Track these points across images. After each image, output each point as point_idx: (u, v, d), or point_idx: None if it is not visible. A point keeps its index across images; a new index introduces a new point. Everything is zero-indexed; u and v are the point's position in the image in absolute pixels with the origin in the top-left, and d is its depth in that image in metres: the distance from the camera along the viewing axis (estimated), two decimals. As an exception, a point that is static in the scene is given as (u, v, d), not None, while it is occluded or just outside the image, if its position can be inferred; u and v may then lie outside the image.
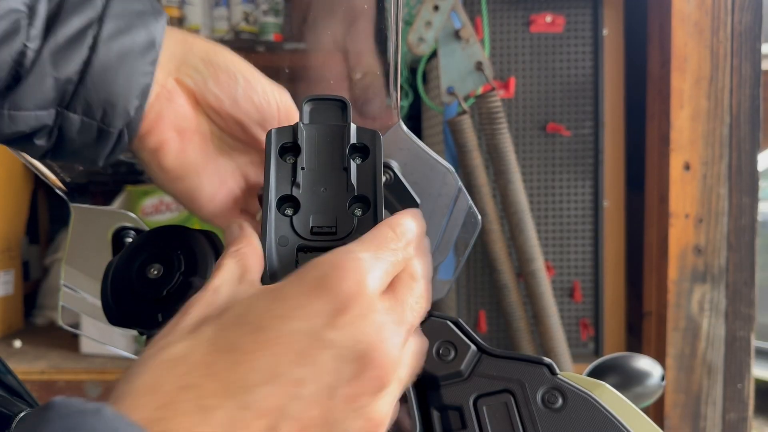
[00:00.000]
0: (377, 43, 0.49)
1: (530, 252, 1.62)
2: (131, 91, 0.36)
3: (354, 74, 0.59)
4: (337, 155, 0.36)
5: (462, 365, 0.43)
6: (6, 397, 0.49)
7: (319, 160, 0.36)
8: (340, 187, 0.35)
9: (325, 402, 0.27)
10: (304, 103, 0.37)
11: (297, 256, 0.34)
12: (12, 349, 1.84)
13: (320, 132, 0.36)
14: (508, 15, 1.69)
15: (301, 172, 0.35)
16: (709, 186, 1.53)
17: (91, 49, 0.35)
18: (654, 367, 0.67)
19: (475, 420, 0.42)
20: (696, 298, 1.56)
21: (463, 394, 0.43)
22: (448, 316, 0.46)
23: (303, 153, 0.35)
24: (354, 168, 0.36)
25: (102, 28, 0.36)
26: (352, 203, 0.35)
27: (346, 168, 0.35)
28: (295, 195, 0.35)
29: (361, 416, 0.29)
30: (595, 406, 0.41)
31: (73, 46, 0.35)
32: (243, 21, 1.54)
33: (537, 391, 0.42)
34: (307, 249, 0.34)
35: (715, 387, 1.56)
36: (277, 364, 0.27)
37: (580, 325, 1.78)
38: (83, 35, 0.35)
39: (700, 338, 1.56)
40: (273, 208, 0.34)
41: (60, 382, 1.69)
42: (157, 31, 0.37)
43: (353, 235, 0.34)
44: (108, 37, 0.36)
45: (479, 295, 1.79)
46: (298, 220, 0.34)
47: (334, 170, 0.36)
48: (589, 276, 1.76)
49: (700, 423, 1.57)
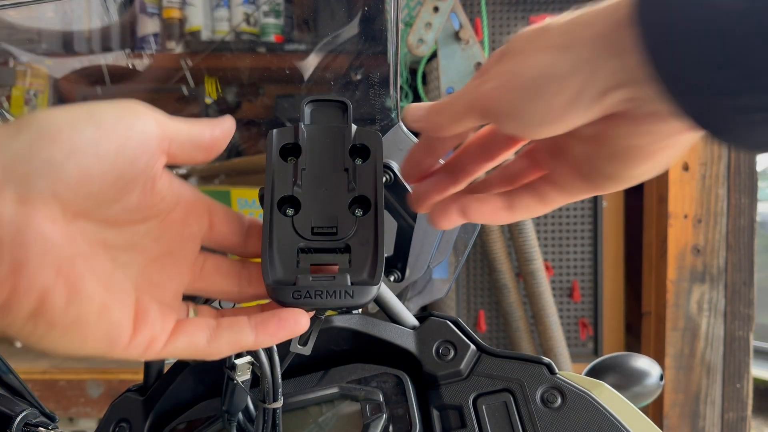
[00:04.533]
0: (377, 44, 0.50)
1: (529, 252, 1.63)
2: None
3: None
4: (338, 156, 0.36)
5: (461, 365, 0.44)
6: (8, 397, 0.50)
7: (320, 160, 0.36)
8: (340, 188, 0.35)
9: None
10: (305, 105, 0.37)
11: (298, 257, 0.34)
12: (13, 348, 1.84)
13: (321, 133, 0.36)
14: (508, 16, 1.69)
15: (302, 172, 0.35)
16: (708, 186, 1.53)
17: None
18: (653, 367, 0.67)
19: (474, 419, 0.42)
20: (695, 298, 1.56)
21: (462, 394, 0.43)
22: (447, 316, 0.46)
23: (304, 153, 0.36)
24: (354, 169, 0.36)
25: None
26: (352, 204, 0.35)
27: (347, 169, 0.36)
28: (296, 195, 0.35)
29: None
30: (594, 405, 0.41)
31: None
32: (244, 22, 1.54)
33: (536, 391, 0.42)
34: (308, 249, 0.34)
35: (713, 387, 1.57)
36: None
37: (579, 324, 1.78)
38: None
39: (699, 338, 1.56)
40: (274, 209, 0.35)
41: (61, 382, 1.69)
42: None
43: (354, 235, 0.34)
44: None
45: (479, 295, 1.79)
46: (299, 221, 0.34)
47: (334, 171, 0.36)
48: (588, 276, 1.76)
49: (699, 422, 1.57)
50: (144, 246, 0.33)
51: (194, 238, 0.35)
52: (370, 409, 0.43)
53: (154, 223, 0.33)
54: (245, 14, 1.55)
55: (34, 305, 0.27)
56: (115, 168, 0.28)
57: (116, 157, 0.28)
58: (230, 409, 0.43)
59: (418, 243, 0.60)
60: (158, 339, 0.31)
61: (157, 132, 0.30)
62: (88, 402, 1.69)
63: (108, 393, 1.69)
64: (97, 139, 0.28)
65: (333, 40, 0.63)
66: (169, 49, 1.52)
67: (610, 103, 0.27)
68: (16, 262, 0.26)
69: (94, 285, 0.28)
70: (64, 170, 0.27)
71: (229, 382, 0.41)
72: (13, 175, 0.26)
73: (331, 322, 0.45)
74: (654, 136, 0.29)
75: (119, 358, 0.30)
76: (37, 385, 1.67)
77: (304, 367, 0.46)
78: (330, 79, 0.66)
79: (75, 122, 0.28)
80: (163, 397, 0.47)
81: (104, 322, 0.29)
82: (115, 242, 0.31)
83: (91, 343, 0.29)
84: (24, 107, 1.37)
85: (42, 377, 1.69)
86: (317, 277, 0.33)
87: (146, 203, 0.31)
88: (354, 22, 0.61)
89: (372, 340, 0.46)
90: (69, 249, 0.28)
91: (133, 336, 0.30)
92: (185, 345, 0.31)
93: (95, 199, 0.29)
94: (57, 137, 0.27)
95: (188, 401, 0.47)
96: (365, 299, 0.33)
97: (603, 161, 0.31)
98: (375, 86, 0.58)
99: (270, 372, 0.40)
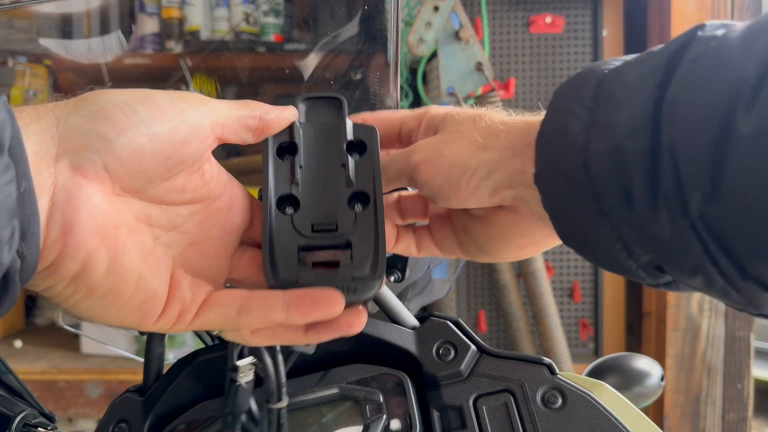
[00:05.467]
0: (377, 44, 0.49)
1: (530, 252, 1.62)
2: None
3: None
4: (334, 152, 0.36)
5: (462, 365, 0.43)
6: (7, 397, 0.49)
7: (317, 157, 0.36)
8: (339, 184, 0.35)
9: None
10: (300, 103, 0.37)
11: (299, 255, 0.34)
12: (13, 348, 1.84)
13: (317, 130, 0.36)
14: (508, 16, 1.69)
15: (299, 170, 0.35)
16: (709, 186, 1.53)
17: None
18: (653, 367, 0.67)
19: (474, 420, 0.42)
20: (695, 298, 1.56)
21: (463, 394, 0.43)
22: (448, 316, 0.46)
23: (300, 151, 0.35)
24: (352, 164, 0.35)
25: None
26: (351, 199, 0.35)
27: (344, 164, 0.35)
28: (295, 193, 0.35)
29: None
30: (595, 406, 0.41)
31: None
32: (243, 22, 1.54)
33: (537, 391, 0.42)
34: (309, 247, 0.34)
35: (714, 387, 1.57)
36: None
37: (579, 325, 1.78)
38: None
39: (700, 338, 1.56)
40: (273, 208, 0.34)
41: (61, 382, 1.69)
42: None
43: (354, 230, 0.34)
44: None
45: (479, 295, 1.79)
46: (298, 219, 0.34)
47: (332, 167, 0.36)
48: (588, 276, 1.76)
49: (700, 423, 1.57)
50: (186, 228, 0.34)
51: (236, 230, 0.36)
52: (370, 409, 0.43)
53: (198, 207, 0.34)
54: (245, 14, 1.55)
55: (78, 268, 0.28)
56: (166, 148, 0.30)
57: (167, 139, 0.30)
58: (233, 411, 0.42)
59: (418, 243, 0.60)
60: (189, 311, 0.32)
61: (209, 119, 0.32)
62: (88, 402, 1.69)
63: (107, 393, 1.68)
64: (150, 119, 0.29)
65: (333, 39, 0.63)
66: (168, 48, 1.52)
67: (503, 196, 0.34)
68: (67, 224, 0.27)
69: (134, 257, 0.30)
70: (115, 146, 0.28)
71: (231, 384, 0.41)
72: (69, 147, 0.28)
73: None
74: (528, 234, 0.36)
75: (150, 330, 0.32)
76: (36, 385, 1.67)
77: (304, 368, 0.45)
78: (330, 79, 0.66)
79: (130, 102, 0.29)
80: (162, 398, 0.47)
81: (140, 293, 0.30)
82: (159, 220, 0.32)
83: (126, 313, 0.30)
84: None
85: (41, 378, 1.68)
86: (319, 275, 0.33)
87: (192, 186, 0.33)
88: (354, 21, 0.61)
89: (372, 340, 0.45)
90: (115, 219, 0.29)
91: (165, 309, 0.31)
92: (215, 316, 0.32)
93: (144, 176, 0.30)
94: (111, 115, 0.29)
95: (188, 402, 0.47)
96: (369, 294, 0.33)
97: (482, 238, 0.38)
98: (375, 86, 0.58)
99: (274, 371, 0.40)
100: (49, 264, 0.28)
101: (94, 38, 0.70)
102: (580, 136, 0.28)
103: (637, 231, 0.27)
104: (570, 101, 0.30)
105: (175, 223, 0.33)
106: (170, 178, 0.31)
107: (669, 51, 0.27)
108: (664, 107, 0.26)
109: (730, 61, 0.24)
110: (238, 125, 0.34)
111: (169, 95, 0.31)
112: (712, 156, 0.24)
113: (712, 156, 0.24)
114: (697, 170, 0.24)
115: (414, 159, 0.36)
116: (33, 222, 0.26)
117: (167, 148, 0.30)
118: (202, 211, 0.34)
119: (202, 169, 0.33)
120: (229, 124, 0.33)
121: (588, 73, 0.30)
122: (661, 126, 0.25)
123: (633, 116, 0.27)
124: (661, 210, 0.26)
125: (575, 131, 0.29)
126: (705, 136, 0.24)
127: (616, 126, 0.27)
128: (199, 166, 0.33)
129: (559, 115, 0.30)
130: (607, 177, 0.27)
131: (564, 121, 0.29)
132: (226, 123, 0.33)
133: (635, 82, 0.27)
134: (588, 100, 0.29)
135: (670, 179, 0.25)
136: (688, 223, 0.25)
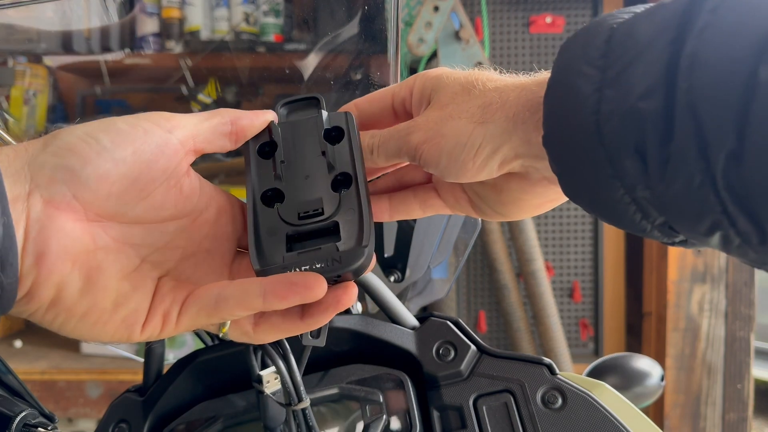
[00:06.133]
0: (377, 44, 0.49)
1: (530, 252, 1.62)
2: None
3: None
4: (314, 143, 0.37)
5: (462, 365, 0.43)
6: (7, 397, 0.49)
7: (297, 151, 0.37)
8: (321, 171, 0.36)
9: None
10: (279, 108, 0.39)
11: (288, 244, 0.34)
12: (13, 349, 1.84)
13: (295, 126, 0.37)
14: (508, 16, 1.69)
15: (281, 165, 0.36)
16: (709, 186, 1.53)
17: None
18: (654, 368, 0.67)
19: (474, 420, 0.42)
20: (696, 298, 1.56)
21: (463, 394, 0.43)
22: (448, 317, 0.46)
23: (280, 147, 0.36)
24: (332, 150, 0.36)
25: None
26: (336, 183, 0.36)
27: (324, 152, 0.36)
28: (278, 187, 0.36)
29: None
30: (595, 406, 0.41)
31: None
32: (243, 22, 1.54)
33: (537, 391, 0.42)
34: (297, 235, 0.34)
35: (714, 387, 1.57)
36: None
37: (579, 325, 1.78)
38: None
39: (700, 338, 1.56)
40: (259, 203, 0.35)
41: (60, 382, 1.69)
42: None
43: (340, 211, 0.35)
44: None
45: (479, 296, 1.79)
46: (284, 209, 0.35)
47: (313, 157, 0.36)
48: (588, 276, 1.76)
49: (700, 423, 1.57)
50: (176, 243, 0.35)
51: (229, 238, 0.37)
52: (370, 409, 0.43)
53: (185, 222, 0.35)
54: (245, 14, 1.55)
55: (53, 293, 0.30)
56: (133, 170, 0.31)
57: (133, 161, 0.31)
58: (269, 424, 0.42)
59: (418, 243, 0.60)
60: (171, 312, 0.33)
61: (178, 135, 0.33)
62: (88, 402, 1.69)
63: (107, 393, 1.68)
64: (112, 145, 0.31)
65: (333, 39, 0.63)
66: (168, 48, 1.52)
67: (511, 167, 0.34)
68: (39, 253, 0.29)
69: (112, 277, 0.31)
70: (81, 176, 0.30)
71: (259, 396, 0.41)
72: (41, 182, 0.30)
73: (332, 323, 0.45)
74: (540, 195, 0.36)
75: (140, 341, 0.33)
76: (36, 385, 1.67)
77: (304, 368, 0.45)
78: (330, 79, 0.66)
79: (92, 133, 0.31)
80: (162, 398, 0.47)
81: (122, 309, 0.31)
82: (144, 240, 0.33)
83: (112, 329, 0.32)
84: (23, 107, 1.37)
85: (41, 378, 1.68)
86: (303, 252, 0.34)
87: (171, 202, 0.34)
88: (354, 21, 0.61)
89: (372, 340, 0.45)
90: (89, 243, 0.31)
91: (148, 318, 0.32)
92: (196, 309, 0.32)
93: (117, 199, 0.31)
94: (75, 148, 0.30)
95: (187, 402, 0.47)
96: (355, 263, 0.33)
97: (495, 203, 0.38)
98: (375, 86, 0.58)
99: (287, 372, 0.40)
100: (26, 292, 0.29)
101: (94, 36, 0.70)
102: (591, 98, 0.27)
103: (651, 192, 0.26)
104: (578, 60, 0.28)
105: (162, 239, 0.34)
106: (146, 198, 0.32)
107: (684, 1, 0.25)
108: (682, 61, 0.24)
109: (756, 9, 0.23)
110: (210, 134, 0.34)
111: (132, 119, 0.32)
112: (737, 111, 0.22)
113: (738, 110, 0.22)
114: (721, 126, 0.23)
115: (414, 139, 0.36)
116: (12, 254, 0.28)
117: (134, 170, 0.31)
118: (190, 225, 0.35)
119: (180, 184, 0.34)
120: (201, 135, 0.34)
121: (595, 28, 0.28)
122: (678, 81, 0.24)
123: (647, 73, 0.25)
124: (679, 171, 0.24)
125: (585, 93, 0.27)
126: (729, 89, 0.22)
127: (629, 85, 0.25)
128: (176, 182, 0.34)
129: (566, 76, 0.28)
130: (621, 140, 0.26)
131: (572, 82, 0.28)
132: (198, 134, 0.34)
133: (648, 35, 0.25)
134: (597, 58, 0.27)
135: (691, 138, 0.23)
136: (708, 181, 0.24)
